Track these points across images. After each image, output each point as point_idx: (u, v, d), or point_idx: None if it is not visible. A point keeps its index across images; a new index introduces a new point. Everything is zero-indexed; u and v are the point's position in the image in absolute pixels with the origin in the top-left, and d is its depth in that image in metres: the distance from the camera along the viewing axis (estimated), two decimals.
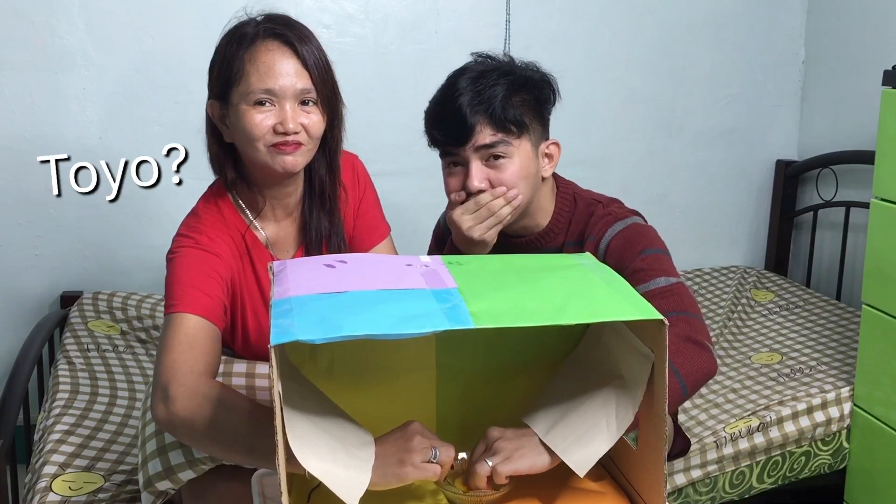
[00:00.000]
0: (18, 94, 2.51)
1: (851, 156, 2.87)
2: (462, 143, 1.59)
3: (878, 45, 2.78)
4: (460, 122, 1.58)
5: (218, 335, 1.44)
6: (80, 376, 2.21)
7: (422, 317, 0.97)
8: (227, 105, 1.49)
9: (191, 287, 1.43)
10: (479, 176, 1.60)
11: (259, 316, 1.58)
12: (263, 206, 1.58)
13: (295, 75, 1.47)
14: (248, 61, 1.45)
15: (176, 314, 1.40)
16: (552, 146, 1.68)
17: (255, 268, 1.57)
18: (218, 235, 1.51)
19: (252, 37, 1.47)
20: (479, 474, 1.17)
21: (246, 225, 1.56)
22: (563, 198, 1.73)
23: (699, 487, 2.11)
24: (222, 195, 1.58)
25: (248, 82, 1.45)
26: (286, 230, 1.62)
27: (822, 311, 2.78)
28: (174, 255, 1.48)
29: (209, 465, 1.50)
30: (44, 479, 1.77)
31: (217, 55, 1.51)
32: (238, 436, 1.29)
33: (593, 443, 1.15)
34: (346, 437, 1.11)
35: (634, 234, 1.63)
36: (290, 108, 1.46)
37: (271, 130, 1.46)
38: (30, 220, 2.59)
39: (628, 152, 3.02)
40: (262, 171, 1.53)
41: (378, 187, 2.51)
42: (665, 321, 1.03)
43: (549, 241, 1.73)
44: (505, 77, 1.61)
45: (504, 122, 1.58)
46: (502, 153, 1.60)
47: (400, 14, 2.77)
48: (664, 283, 1.54)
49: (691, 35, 3.04)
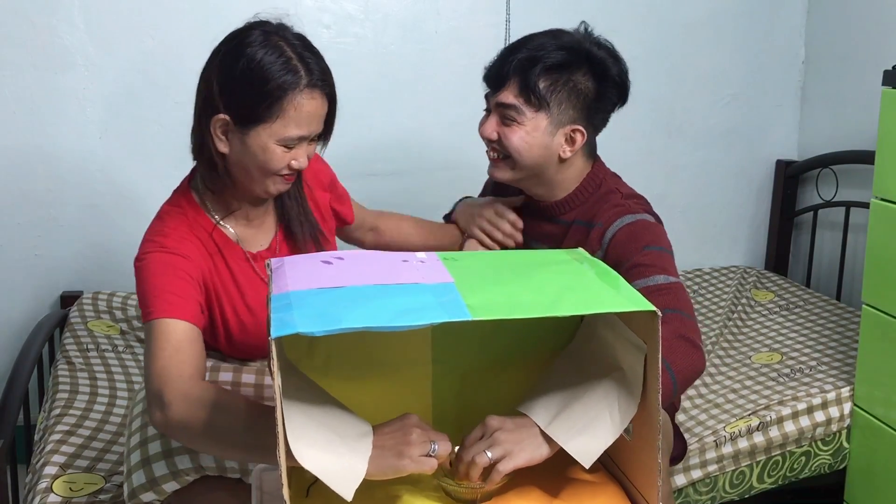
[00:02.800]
0: (18, 94, 2.51)
1: (851, 156, 2.87)
2: (494, 90, 1.71)
3: (878, 45, 2.78)
4: (498, 71, 1.69)
5: (199, 336, 1.44)
6: (79, 376, 2.21)
7: (419, 310, 0.98)
8: (243, 128, 1.45)
9: (164, 292, 1.43)
10: (490, 127, 1.71)
11: (239, 312, 1.58)
12: (237, 209, 1.58)
13: (322, 120, 1.50)
14: (293, 108, 1.43)
15: (156, 321, 1.41)
16: (576, 132, 1.70)
17: (228, 264, 1.57)
18: (183, 237, 1.51)
19: (298, 84, 1.43)
20: (477, 465, 1.16)
21: (213, 224, 1.56)
22: (589, 180, 1.76)
23: (699, 487, 2.11)
24: (187, 197, 1.57)
25: (286, 127, 1.44)
26: (258, 226, 1.62)
27: (822, 311, 2.78)
28: (141, 262, 1.48)
29: (193, 476, 1.52)
30: (44, 480, 1.78)
31: (246, 79, 1.43)
32: (235, 435, 1.29)
33: (597, 434, 1.15)
34: (344, 429, 1.11)
35: (641, 228, 1.64)
36: (305, 146, 1.50)
37: (287, 167, 1.49)
38: (30, 220, 2.59)
39: (628, 152, 3.01)
40: (246, 189, 1.54)
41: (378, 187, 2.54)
42: (658, 313, 1.04)
43: (560, 214, 1.78)
44: (566, 54, 1.66)
45: (527, 91, 1.65)
46: (513, 117, 1.67)
47: (400, 14, 2.77)
48: (663, 281, 1.54)
49: (691, 35, 3.04)
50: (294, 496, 1.17)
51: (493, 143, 1.72)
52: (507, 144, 1.69)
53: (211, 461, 1.51)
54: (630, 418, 1.15)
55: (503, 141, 1.69)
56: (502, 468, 1.16)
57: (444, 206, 2.07)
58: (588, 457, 1.15)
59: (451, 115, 2.79)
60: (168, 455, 1.51)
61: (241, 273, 1.58)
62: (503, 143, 1.69)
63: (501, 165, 1.73)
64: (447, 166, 2.86)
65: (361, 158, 2.75)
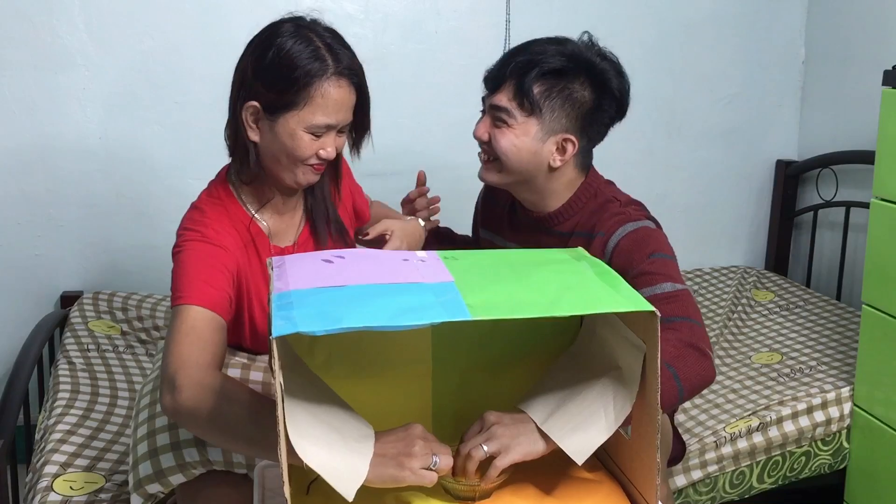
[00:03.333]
0: (18, 94, 2.51)
1: (851, 156, 2.87)
2: (489, 91, 1.71)
3: (878, 45, 2.78)
4: (496, 74, 1.69)
5: (224, 327, 1.45)
6: (80, 376, 2.21)
7: (420, 309, 0.99)
8: (272, 115, 1.49)
9: (197, 279, 1.44)
10: (483, 128, 1.71)
11: (265, 305, 1.59)
12: (272, 198, 1.60)
13: (350, 111, 1.52)
14: (319, 95, 1.47)
15: (183, 306, 1.41)
16: (567, 142, 1.68)
17: (260, 258, 1.59)
18: (223, 228, 1.53)
19: (325, 72, 1.47)
20: (473, 459, 1.17)
21: (249, 217, 1.59)
22: (584, 189, 1.75)
23: (699, 488, 2.11)
24: (225, 189, 1.60)
25: (314, 114, 1.47)
26: (287, 220, 1.65)
27: (822, 311, 2.78)
28: (181, 248, 1.50)
29: (200, 469, 1.51)
30: (45, 479, 1.78)
31: (276, 66, 1.47)
32: (240, 427, 1.29)
33: (591, 432, 1.16)
34: (346, 429, 1.12)
35: (645, 236, 1.63)
36: (333, 135, 1.52)
37: (315, 155, 1.52)
38: (30, 220, 2.59)
39: (628, 152, 3.02)
40: (277, 178, 1.56)
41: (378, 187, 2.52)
42: (657, 312, 1.05)
43: (557, 225, 1.76)
44: (566, 61, 1.65)
45: (521, 95, 1.64)
46: (504, 120, 1.67)
47: (400, 14, 2.77)
48: (670, 289, 1.54)
49: (691, 35, 3.04)
50: (294, 494, 1.17)
51: (484, 145, 1.72)
52: (496, 146, 1.68)
53: (219, 455, 1.51)
54: (624, 417, 1.15)
55: (493, 143, 1.69)
56: (499, 463, 1.17)
57: (443, 205, 2.07)
58: (581, 454, 1.16)
59: (451, 115, 2.79)
60: (176, 447, 1.51)
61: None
62: (493, 145, 1.69)
63: (490, 168, 1.73)
64: (447, 166, 2.86)
65: (362, 158, 2.75)
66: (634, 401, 1.14)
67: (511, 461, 1.17)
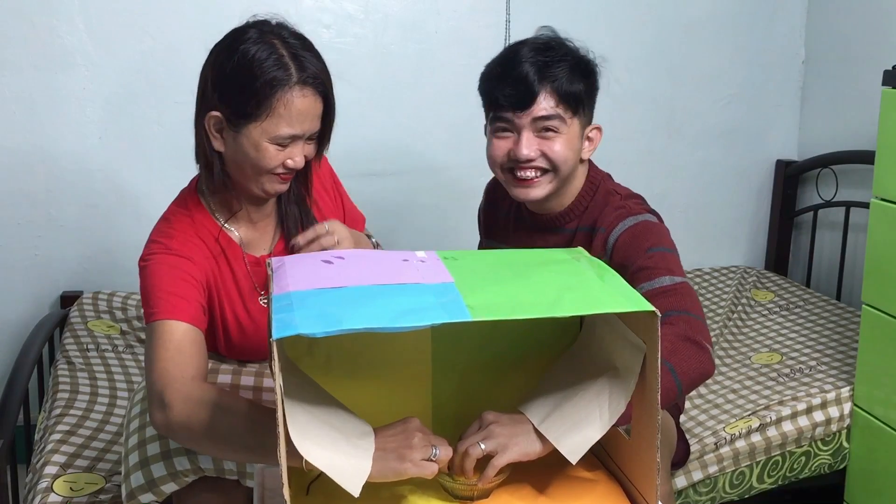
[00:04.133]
0: (18, 94, 2.51)
1: (851, 156, 2.87)
2: (522, 108, 1.62)
3: (878, 45, 2.78)
4: (526, 88, 1.61)
5: (202, 337, 1.44)
6: (79, 376, 2.21)
7: (420, 310, 0.98)
8: (235, 126, 1.45)
9: (168, 293, 1.43)
10: (530, 146, 1.63)
11: (238, 315, 1.58)
12: (239, 210, 1.57)
13: (316, 119, 1.47)
14: (283, 105, 1.41)
15: (158, 322, 1.40)
16: (595, 130, 1.71)
17: (231, 267, 1.56)
18: (189, 239, 1.51)
19: (288, 82, 1.41)
20: (471, 456, 1.17)
21: (218, 227, 1.55)
22: (588, 184, 1.74)
23: (699, 488, 2.11)
24: (194, 199, 1.57)
25: (278, 125, 1.42)
26: (262, 229, 1.62)
27: (822, 311, 2.78)
28: (147, 262, 1.48)
29: (192, 477, 1.52)
30: (45, 480, 1.78)
31: (237, 75, 1.42)
32: (236, 436, 1.30)
33: (585, 431, 1.16)
34: (346, 428, 1.12)
35: (644, 230, 1.63)
36: (301, 144, 1.47)
37: (281, 165, 1.47)
38: (30, 220, 2.59)
39: (628, 152, 3.02)
40: (243, 188, 1.53)
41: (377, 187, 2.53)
42: (657, 312, 1.04)
43: (564, 224, 1.74)
44: (569, 55, 1.65)
45: (567, 97, 1.62)
46: (555, 127, 1.63)
47: (400, 14, 2.77)
48: (668, 282, 1.54)
49: (691, 35, 3.04)
50: (294, 495, 1.17)
51: (532, 162, 1.64)
52: (553, 157, 1.63)
53: (209, 462, 1.51)
54: (618, 416, 1.15)
55: (548, 155, 1.63)
56: (496, 462, 1.17)
57: (443, 206, 2.07)
58: (575, 454, 1.16)
59: (451, 115, 2.79)
60: (167, 456, 1.51)
61: (243, 277, 1.57)
62: (548, 156, 1.63)
63: (541, 181, 1.66)
64: (447, 166, 2.87)
65: (361, 158, 2.75)
66: (629, 399, 1.14)
67: (508, 460, 1.18)
